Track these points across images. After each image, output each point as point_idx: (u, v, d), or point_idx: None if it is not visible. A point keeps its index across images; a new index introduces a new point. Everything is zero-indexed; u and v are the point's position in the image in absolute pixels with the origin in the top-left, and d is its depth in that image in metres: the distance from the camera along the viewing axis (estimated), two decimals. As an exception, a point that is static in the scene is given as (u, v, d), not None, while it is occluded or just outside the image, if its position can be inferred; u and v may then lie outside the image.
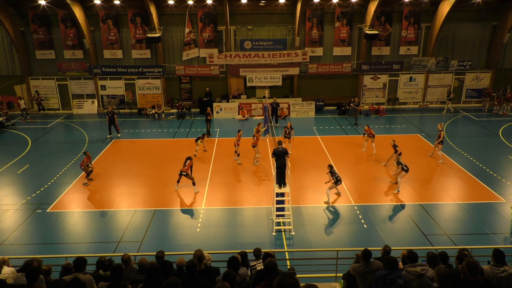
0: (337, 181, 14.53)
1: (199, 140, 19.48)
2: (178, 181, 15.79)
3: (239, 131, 18.74)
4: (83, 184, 16.40)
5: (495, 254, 5.93)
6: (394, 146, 17.14)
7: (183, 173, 15.51)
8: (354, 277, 7.14)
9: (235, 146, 18.53)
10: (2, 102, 25.85)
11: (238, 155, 18.56)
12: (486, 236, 12.27)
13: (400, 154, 16.59)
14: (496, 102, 26.79)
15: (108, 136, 22.35)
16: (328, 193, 14.64)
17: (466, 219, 13.49)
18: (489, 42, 28.06)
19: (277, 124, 24.50)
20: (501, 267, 5.77)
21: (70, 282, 5.49)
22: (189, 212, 14.28)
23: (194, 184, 15.59)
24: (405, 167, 15.06)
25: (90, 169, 16.55)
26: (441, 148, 18.28)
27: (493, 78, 28.17)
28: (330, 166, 14.88)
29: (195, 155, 19.00)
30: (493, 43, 27.83)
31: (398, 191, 15.28)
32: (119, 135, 22.56)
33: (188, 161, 15.64)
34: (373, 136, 19.20)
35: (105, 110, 24.00)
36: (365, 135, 19.53)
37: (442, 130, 18.10)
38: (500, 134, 22.07)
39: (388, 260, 6.23)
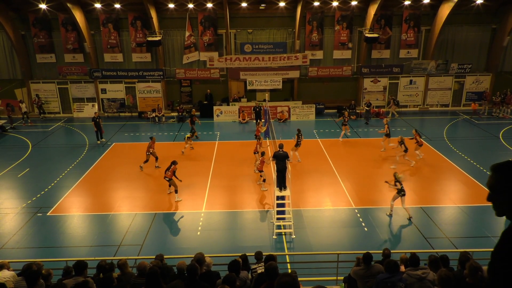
0: (297, 144, 18.15)
1: (187, 137, 19.98)
2: (170, 185, 15.64)
3: (263, 154, 16.25)
4: (155, 167, 18.24)
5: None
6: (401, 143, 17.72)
7: (165, 178, 15.18)
8: (355, 280, 7.12)
9: (259, 171, 16.19)
10: (9, 104, 25.89)
11: (264, 180, 16.13)
12: (487, 239, 12.25)
13: (406, 151, 17.65)
14: (485, 104, 27.15)
15: (98, 141, 22.17)
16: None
17: (467, 222, 13.47)
18: (489, 45, 28.11)
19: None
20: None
21: (79, 284, 5.51)
22: (189, 215, 14.25)
23: (176, 192, 15.12)
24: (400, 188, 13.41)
25: (148, 157, 17.70)
26: (386, 139, 19.73)
27: (493, 81, 28.20)
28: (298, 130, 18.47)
29: (182, 152, 19.75)
30: (493, 46, 27.88)
31: (391, 215, 13.83)
32: (99, 142, 22.18)
33: (172, 166, 15.07)
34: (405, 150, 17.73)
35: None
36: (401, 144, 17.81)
37: (386, 124, 19.73)
38: (501, 137, 22.07)
39: (389, 264, 6.22)
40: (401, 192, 13.30)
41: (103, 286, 6.28)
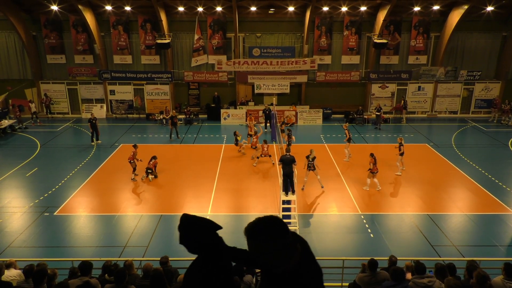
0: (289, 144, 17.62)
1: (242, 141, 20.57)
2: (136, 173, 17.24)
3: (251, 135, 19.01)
4: (131, 179, 17.21)
5: (506, 268, 5.84)
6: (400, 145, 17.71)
7: (148, 170, 17.29)
8: (360, 287, 7.07)
9: (268, 156, 19.11)
10: (14, 105, 26.17)
11: (274, 163, 18.91)
12: (495, 248, 12.12)
13: (402, 154, 17.70)
14: (495, 111, 27.03)
15: (92, 143, 22.26)
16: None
17: (474, 230, 13.34)
18: (499, 53, 27.91)
19: (265, 130, 24.88)
20: (512, 281, 5.69)
21: (81, 286, 5.53)
22: (195, 218, 14.23)
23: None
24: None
25: (134, 165, 17.20)
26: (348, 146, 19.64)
27: (503, 89, 27.98)
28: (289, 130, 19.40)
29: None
30: (503, 53, 27.67)
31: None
32: (93, 143, 22.31)
33: (152, 160, 17.58)
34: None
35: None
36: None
37: (347, 129, 19.72)
38: (510, 145, 21.85)
39: (395, 271, 6.17)
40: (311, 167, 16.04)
41: (116, 279, 6.30)
